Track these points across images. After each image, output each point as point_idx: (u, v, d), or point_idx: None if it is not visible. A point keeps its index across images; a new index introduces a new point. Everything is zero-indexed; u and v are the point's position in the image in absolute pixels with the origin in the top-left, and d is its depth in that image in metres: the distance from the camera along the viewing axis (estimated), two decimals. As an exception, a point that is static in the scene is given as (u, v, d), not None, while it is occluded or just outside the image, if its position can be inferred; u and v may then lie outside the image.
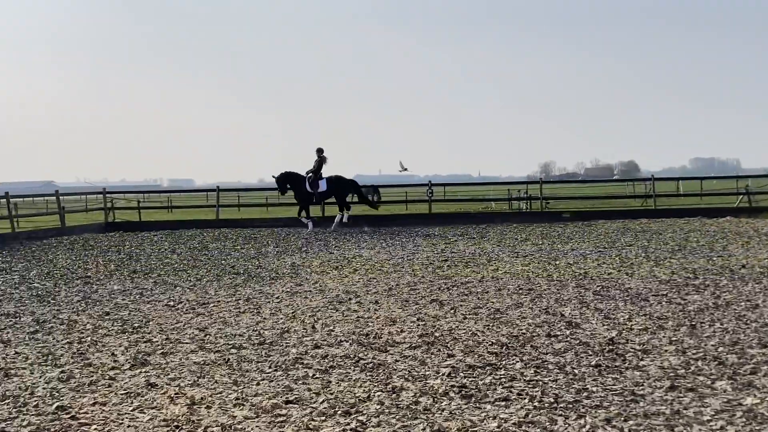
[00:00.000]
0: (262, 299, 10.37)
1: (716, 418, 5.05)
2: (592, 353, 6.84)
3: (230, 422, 5.11)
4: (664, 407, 5.27)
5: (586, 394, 5.62)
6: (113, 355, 7.22)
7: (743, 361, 6.45)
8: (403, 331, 8.01)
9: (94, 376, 6.44)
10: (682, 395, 5.55)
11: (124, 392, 5.92)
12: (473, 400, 5.55)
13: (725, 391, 5.63)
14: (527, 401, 5.47)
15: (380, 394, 5.72)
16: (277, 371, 6.45)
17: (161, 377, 6.34)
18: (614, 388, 5.76)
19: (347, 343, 7.48)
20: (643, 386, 5.80)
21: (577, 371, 6.25)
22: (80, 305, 10.26)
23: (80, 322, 9.02)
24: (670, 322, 8.17)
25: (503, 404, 5.43)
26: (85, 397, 5.82)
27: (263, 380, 6.18)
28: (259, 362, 6.79)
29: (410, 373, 6.32)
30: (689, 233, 18.84)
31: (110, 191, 30.49)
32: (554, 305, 9.34)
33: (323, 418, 5.19)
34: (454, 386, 5.88)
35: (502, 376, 6.16)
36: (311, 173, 24.40)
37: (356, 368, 6.50)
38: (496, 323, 8.32)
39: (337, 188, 24.62)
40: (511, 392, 5.70)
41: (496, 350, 7.04)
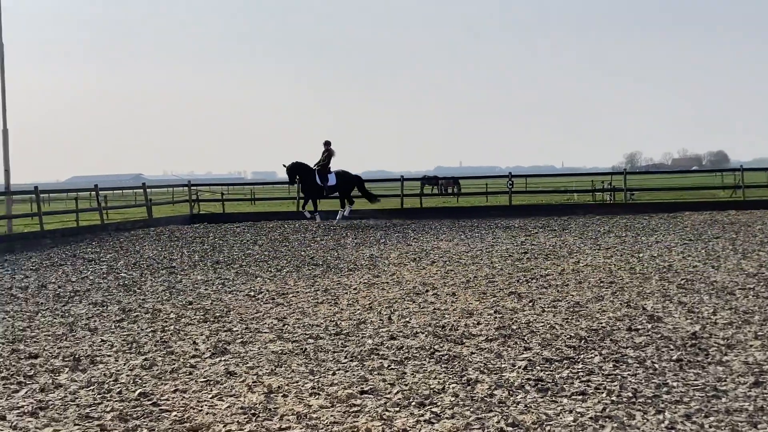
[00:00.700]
0: (339, 290, 10.46)
1: (804, 417, 4.86)
2: (673, 348, 6.67)
3: (306, 411, 5.16)
4: (747, 404, 5.10)
5: (666, 389, 5.48)
6: (194, 343, 7.39)
7: (835, 358, 6.19)
8: (479, 323, 7.96)
9: (175, 363, 6.60)
10: (766, 391, 5.36)
11: (204, 380, 6.05)
12: (549, 393, 5.48)
13: (815, 389, 5.41)
14: (605, 395, 5.36)
15: (455, 386, 5.69)
16: (352, 362, 6.49)
17: (240, 366, 6.45)
18: (695, 383, 5.60)
19: (423, 334, 7.47)
20: (725, 382, 5.62)
21: (657, 366, 6.10)
22: (164, 295, 10.54)
23: (164, 311, 9.26)
24: (756, 316, 7.90)
25: (580, 398, 5.34)
26: (166, 384, 5.97)
27: (339, 370, 6.23)
28: (335, 352, 6.84)
29: (486, 365, 6.27)
30: (780, 225, 18.18)
31: (195, 183, 31.17)
32: (636, 298, 9.14)
33: (397, 408, 5.19)
34: (530, 379, 5.82)
35: (579, 369, 6.07)
36: (319, 166, 23.73)
37: (431, 360, 6.49)
38: (575, 316, 8.19)
39: (343, 183, 24.14)
40: (588, 386, 5.61)
41: (574, 344, 6.93)
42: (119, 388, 5.90)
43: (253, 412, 5.18)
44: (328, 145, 24.02)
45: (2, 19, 23.31)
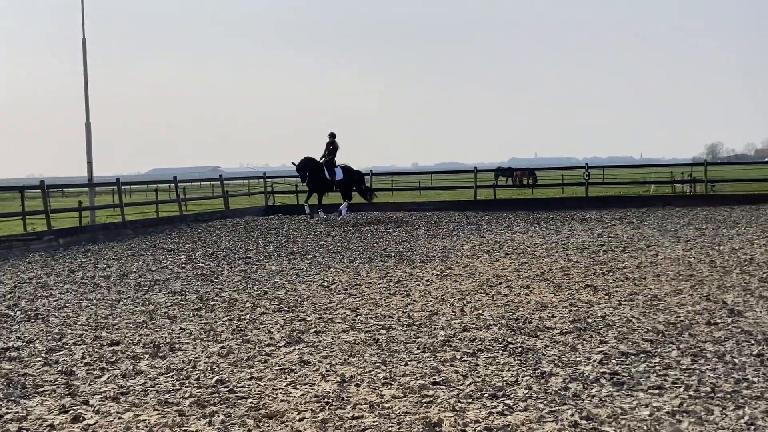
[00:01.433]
0: (412, 281, 10.47)
1: None
2: (754, 342, 6.48)
3: (378, 401, 5.19)
4: (834, 402, 4.92)
5: (746, 384, 5.33)
6: (270, 332, 7.50)
7: None
8: (554, 316, 7.87)
9: (251, 352, 6.71)
10: None
11: (278, 368, 6.14)
12: (625, 387, 5.38)
13: None
14: (682, 390, 5.24)
15: (528, 378, 5.65)
16: (425, 353, 6.50)
17: (314, 355, 6.52)
18: (779, 380, 5.43)
19: (496, 326, 7.43)
20: (811, 379, 5.43)
21: (737, 361, 5.93)
22: (241, 284, 10.72)
23: (240, 300, 9.42)
24: None
25: (656, 392, 5.23)
26: (242, 371, 6.08)
27: (411, 361, 6.24)
28: (407, 343, 6.86)
29: (560, 358, 6.20)
30: None
31: (270, 175, 31.58)
32: (716, 292, 8.90)
33: (470, 400, 5.18)
34: (605, 373, 5.73)
35: (656, 364, 5.94)
36: (326, 160, 23.21)
37: (504, 352, 6.45)
38: (652, 310, 8.02)
39: (350, 178, 23.80)
40: (665, 380, 5.49)
41: (651, 337, 6.79)
42: (197, 374, 6.03)
43: (326, 400, 5.23)
44: (333, 137, 23.44)
45: (85, 14, 24.05)
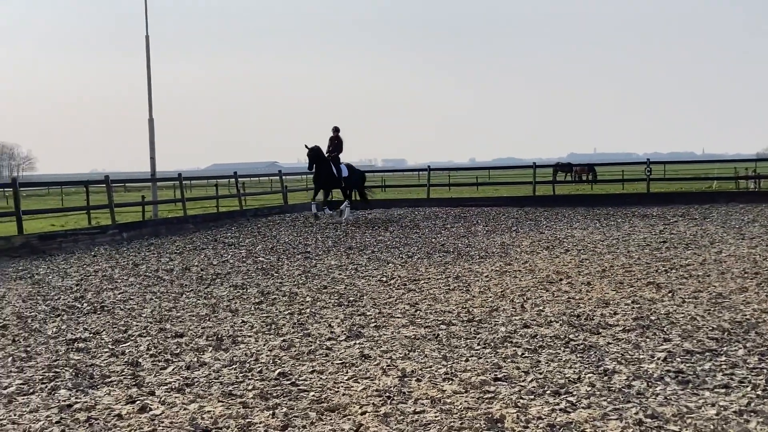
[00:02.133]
0: (471, 277, 10.44)
1: None
2: (827, 343, 6.30)
3: (439, 396, 5.19)
4: None
5: (818, 386, 5.19)
6: (330, 326, 7.55)
7: None
8: (616, 313, 7.76)
9: (312, 345, 6.77)
10: None
11: (339, 362, 6.18)
12: (690, 386, 5.29)
13: None
14: (749, 389, 5.13)
15: (591, 375, 5.58)
16: (485, 348, 6.47)
17: (374, 349, 6.55)
18: None
19: (557, 323, 7.36)
20: None
21: (809, 362, 5.78)
22: (300, 279, 10.81)
23: (300, 294, 9.50)
24: None
25: (723, 391, 5.13)
26: (304, 365, 6.13)
27: (472, 357, 6.22)
28: (467, 339, 6.84)
29: (623, 356, 6.12)
30: None
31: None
32: (784, 291, 8.68)
33: (532, 396, 5.15)
34: (669, 371, 5.63)
35: (722, 362, 5.82)
36: (331, 155, 21.74)
37: (566, 349, 6.39)
38: (717, 308, 7.86)
39: (354, 176, 22.70)
40: (732, 379, 5.38)
41: (716, 336, 6.65)
42: (260, 367, 6.10)
43: (387, 394, 5.25)
44: (337, 131, 22.12)
45: (148, 11, 24.49)
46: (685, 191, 28.43)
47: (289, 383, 5.62)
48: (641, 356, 6.09)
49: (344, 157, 22.28)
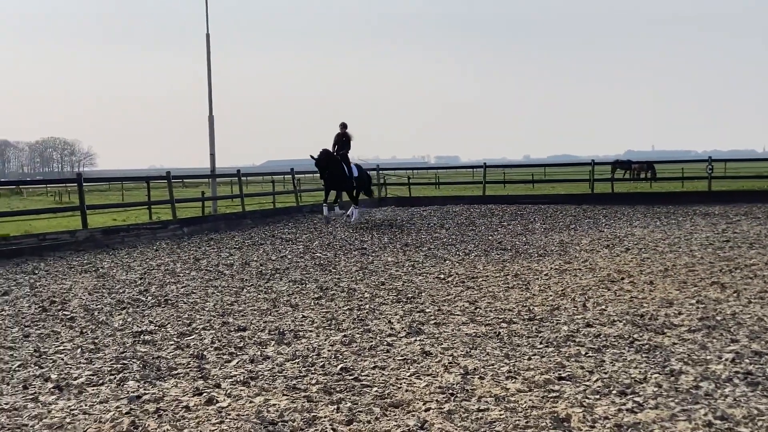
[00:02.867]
0: (530, 275, 10.36)
1: None
2: None
3: (503, 394, 5.17)
4: None
5: None
6: (390, 322, 7.57)
7: None
8: (680, 313, 7.63)
9: (373, 341, 6.79)
10: None
11: (401, 358, 6.19)
12: (760, 387, 5.17)
13: None
14: (825, 394, 5.00)
15: (657, 376, 5.50)
16: (548, 347, 6.42)
17: (435, 346, 6.55)
18: None
19: (621, 323, 7.26)
20: None
21: None
22: (358, 275, 10.86)
23: (359, 290, 9.54)
24: None
25: (797, 396, 5.01)
26: (366, 360, 6.16)
27: (534, 355, 6.18)
28: (529, 337, 6.79)
29: (689, 356, 6.01)
30: None
31: (383, 168, 31.85)
32: None
33: (597, 396, 5.09)
34: (738, 372, 5.52)
35: (794, 366, 5.69)
36: (340, 154, 20.37)
37: (631, 349, 6.30)
38: (786, 309, 7.67)
39: (363, 177, 21.43)
40: (806, 384, 5.25)
41: (787, 338, 6.50)
42: (322, 362, 6.15)
43: (450, 392, 5.24)
44: (344, 128, 20.72)
45: (209, 9, 24.79)
46: (747, 190, 27.77)
47: (352, 378, 5.66)
48: (708, 357, 5.98)
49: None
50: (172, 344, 6.92)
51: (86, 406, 5.20)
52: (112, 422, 4.80)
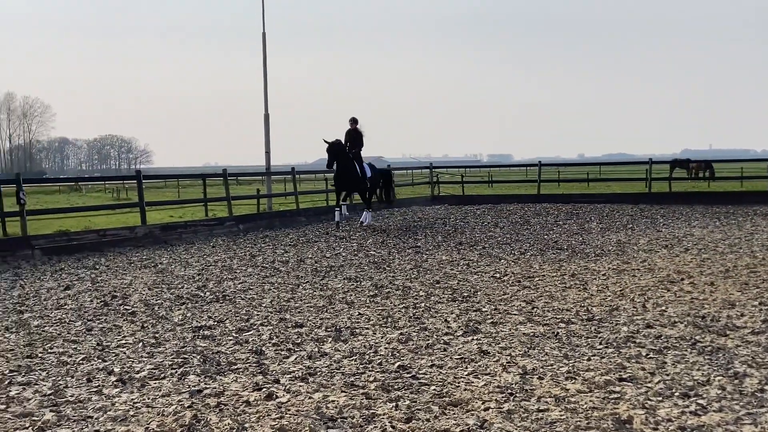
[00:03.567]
0: (587, 275, 10.24)
1: None
2: None
3: (563, 394, 5.12)
4: None
5: None
6: (446, 321, 7.55)
7: None
8: (743, 315, 7.47)
9: (429, 339, 6.79)
10: None
11: (458, 357, 6.18)
12: (831, 394, 5.04)
13: None
14: None
15: (721, 378, 5.39)
16: (608, 348, 6.34)
17: (492, 345, 6.51)
18: None
19: (682, 324, 7.14)
20: None
21: None
22: (413, 273, 10.86)
23: (413, 288, 9.54)
24: None
25: None
26: (423, 359, 6.16)
27: (594, 356, 6.11)
28: (588, 338, 6.72)
29: (753, 359, 5.88)
30: None
31: (436, 166, 31.80)
32: None
33: (660, 398, 5.01)
34: (807, 378, 5.39)
35: None
36: (351, 151, 18.75)
37: (693, 351, 6.19)
38: None
39: (376, 177, 19.77)
40: None
41: None
42: (379, 359, 6.16)
43: (509, 391, 5.21)
44: (355, 123, 19.03)
45: (265, 8, 25.03)
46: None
47: (409, 376, 5.66)
48: (774, 361, 5.85)
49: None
50: (231, 339, 7.00)
51: (149, 399, 5.30)
52: (174, 415, 4.87)
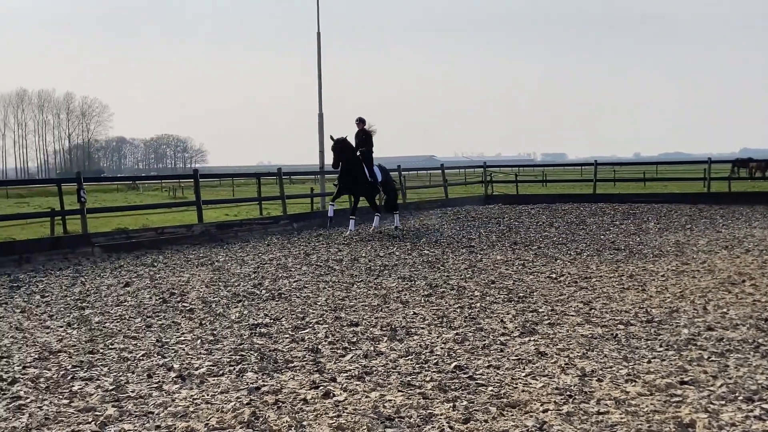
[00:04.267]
0: (646, 276, 10.08)
1: None
2: None
3: (623, 397, 5.04)
4: None
5: None
6: (502, 321, 7.50)
7: None
8: (809, 318, 7.28)
9: (486, 340, 6.75)
10: None
11: (515, 358, 6.13)
12: None
13: None
14: None
15: (787, 384, 5.26)
16: (668, 350, 6.23)
17: (550, 347, 6.45)
18: None
19: (744, 327, 6.98)
20: None
21: None
22: (467, 273, 10.81)
23: (468, 288, 9.50)
24: None
25: None
26: (479, 359, 6.12)
27: (654, 358, 6.01)
28: (648, 340, 6.61)
29: (821, 365, 5.73)
30: None
31: (490, 165, 31.64)
32: None
33: (722, 402, 4.90)
34: None
35: None
36: (362, 153, 17.20)
37: (756, 354, 6.05)
38: None
39: (387, 181, 18.10)
40: None
41: None
42: (435, 359, 6.15)
43: (568, 393, 5.15)
44: (362, 123, 17.53)
45: (320, 8, 25.15)
46: None
47: (466, 377, 5.63)
48: (842, 366, 5.69)
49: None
50: (287, 337, 7.06)
51: (208, 395, 5.36)
52: (233, 412, 4.92)
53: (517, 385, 5.41)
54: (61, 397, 5.42)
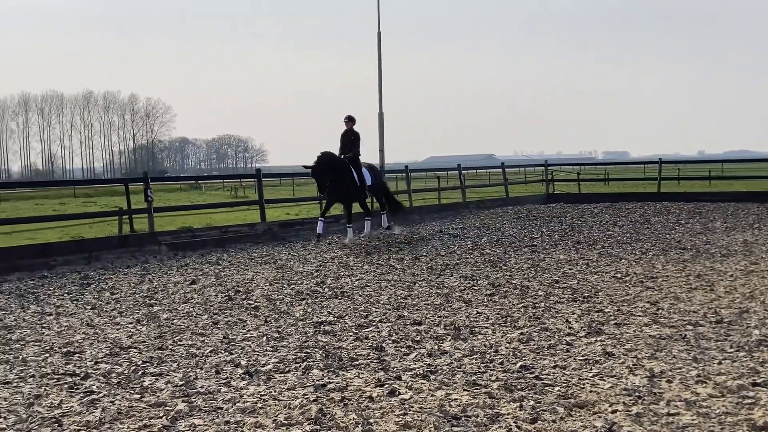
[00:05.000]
0: (714, 276, 9.88)
1: None
2: None
3: (694, 398, 4.95)
4: None
5: None
6: (567, 321, 7.43)
7: None
8: None
9: (551, 340, 6.69)
10: None
11: (582, 358, 6.07)
12: None
13: None
14: None
15: None
16: (739, 352, 6.10)
17: (617, 347, 6.36)
18: None
19: (819, 329, 6.80)
20: None
21: None
22: (530, 272, 10.73)
23: (532, 288, 9.43)
24: None
25: None
26: (545, 359, 6.08)
27: (725, 360, 5.89)
28: (718, 341, 6.48)
29: None
30: None
31: (550, 164, 31.35)
32: None
33: (798, 406, 4.79)
34: None
35: None
36: (349, 157, 16.08)
37: (833, 357, 5.89)
38: None
39: (378, 183, 17.09)
40: None
41: None
42: (500, 359, 6.12)
43: (637, 394, 5.08)
44: (351, 122, 16.36)
45: (380, 8, 25.22)
46: None
47: (532, 377, 5.60)
48: None
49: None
50: (351, 335, 7.10)
51: (275, 392, 5.43)
52: (300, 409, 4.98)
53: (584, 385, 5.36)
54: (132, 392, 5.55)
